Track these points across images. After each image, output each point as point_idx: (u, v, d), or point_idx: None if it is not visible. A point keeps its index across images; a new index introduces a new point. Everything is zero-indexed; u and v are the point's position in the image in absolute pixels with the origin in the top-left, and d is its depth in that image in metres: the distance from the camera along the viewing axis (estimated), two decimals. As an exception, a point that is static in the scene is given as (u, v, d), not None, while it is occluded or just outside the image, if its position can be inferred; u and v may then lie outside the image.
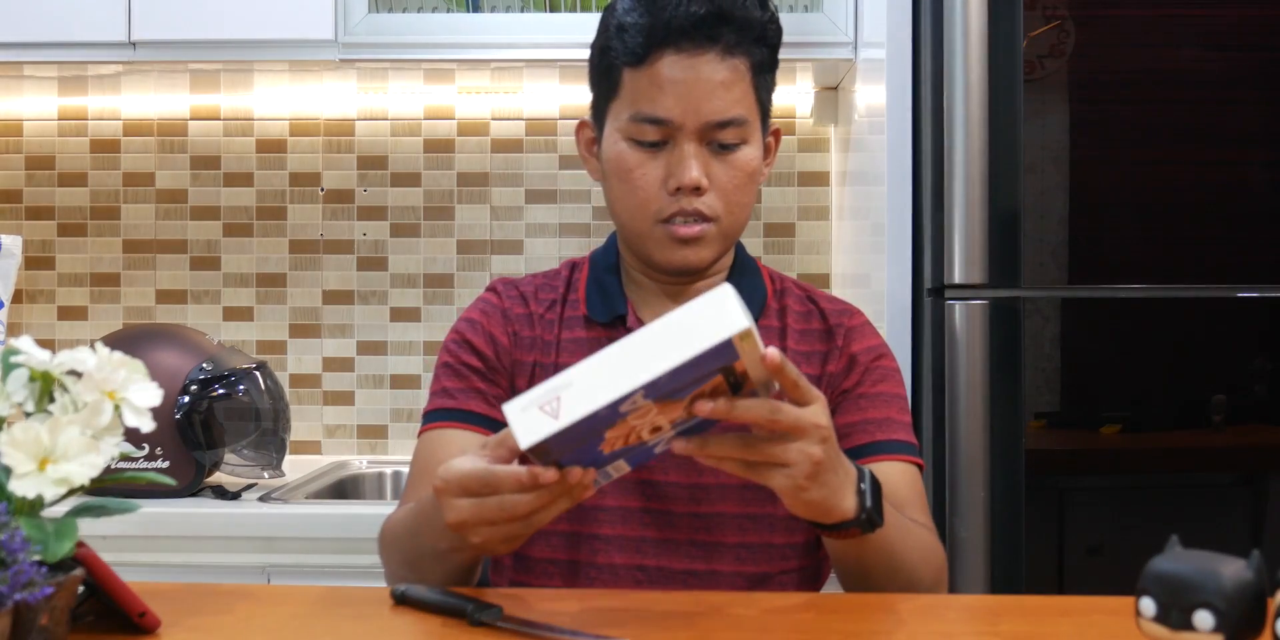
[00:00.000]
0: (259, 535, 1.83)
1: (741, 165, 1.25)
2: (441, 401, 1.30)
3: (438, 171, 2.42)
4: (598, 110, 1.30)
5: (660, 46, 1.21)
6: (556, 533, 1.26)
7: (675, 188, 1.23)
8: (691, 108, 1.21)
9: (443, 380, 1.32)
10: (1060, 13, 1.72)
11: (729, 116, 1.23)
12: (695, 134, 1.23)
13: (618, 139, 1.26)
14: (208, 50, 2.10)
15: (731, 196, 1.25)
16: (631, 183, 1.25)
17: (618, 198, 1.28)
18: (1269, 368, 1.75)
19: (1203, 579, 0.78)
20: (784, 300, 1.35)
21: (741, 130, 1.24)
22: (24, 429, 0.83)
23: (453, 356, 1.32)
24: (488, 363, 1.31)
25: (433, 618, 0.99)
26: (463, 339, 1.32)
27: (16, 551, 0.80)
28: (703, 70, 1.21)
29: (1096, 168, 1.76)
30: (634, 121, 1.24)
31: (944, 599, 1.14)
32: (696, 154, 1.23)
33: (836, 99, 2.35)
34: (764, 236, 2.40)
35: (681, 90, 1.21)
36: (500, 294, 1.36)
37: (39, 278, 2.43)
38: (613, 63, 1.25)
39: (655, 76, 1.22)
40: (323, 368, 2.42)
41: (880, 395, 1.29)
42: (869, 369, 1.30)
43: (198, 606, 1.01)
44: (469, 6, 2.24)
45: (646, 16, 1.22)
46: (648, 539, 1.25)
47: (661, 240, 1.25)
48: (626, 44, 1.23)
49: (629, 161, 1.25)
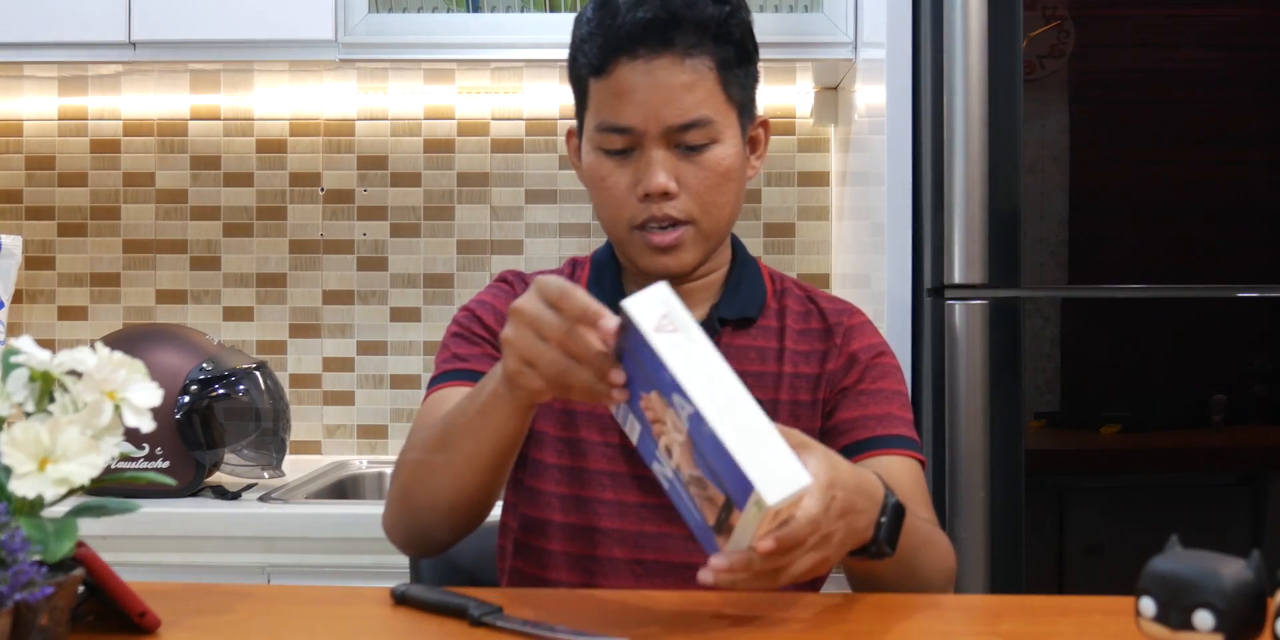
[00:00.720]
0: (259, 535, 1.83)
1: (712, 165, 1.24)
2: (453, 364, 1.29)
3: (438, 171, 2.42)
4: (578, 120, 1.32)
5: (615, 55, 1.22)
6: (557, 524, 1.27)
7: (643, 194, 1.23)
8: (651, 113, 1.21)
9: (452, 347, 1.31)
10: (1060, 13, 1.72)
11: (691, 118, 1.22)
12: (659, 139, 1.22)
13: (590, 149, 1.27)
14: (208, 50, 2.10)
15: (705, 197, 1.24)
16: (604, 191, 1.26)
17: (596, 206, 1.29)
18: (1269, 368, 1.75)
19: (1203, 579, 0.78)
20: (784, 300, 1.35)
21: (708, 130, 1.23)
22: (24, 429, 0.83)
23: (464, 328, 1.32)
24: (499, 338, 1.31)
25: (432, 618, 0.99)
26: (474, 315, 1.33)
27: (16, 551, 0.80)
28: (659, 75, 1.21)
29: (1096, 168, 1.76)
30: (600, 131, 1.25)
31: (944, 599, 1.14)
32: (663, 159, 1.22)
33: (836, 99, 2.35)
34: (764, 236, 2.40)
35: (640, 97, 1.21)
36: (512, 284, 1.37)
37: (39, 278, 2.43)
38: (579, 74, 1.27)
39: (614, 85, 1.23)
40: (323, 368, 2.42)
41: (881, 391, 1.29)
42: (869, 366, 1.30)
43: (198, 606, 1.00)
44: (469, 6, 2.24)
45: (601, 26, 1.23)
46: (646, 533, 1.26)
47: (640, 247, 1.26)
48: (587, 55, 1.24)
49: (600, 170, 1.26)
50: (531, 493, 1.29)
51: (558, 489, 1.28)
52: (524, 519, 1.30)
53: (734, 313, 1.31)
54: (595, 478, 1.27)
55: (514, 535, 1.31)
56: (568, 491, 1.28)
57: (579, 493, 1.27)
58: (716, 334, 1.30)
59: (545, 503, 1.28)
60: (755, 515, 0.86)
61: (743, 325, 1.32)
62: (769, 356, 1.30)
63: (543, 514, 1.28)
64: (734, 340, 1.31)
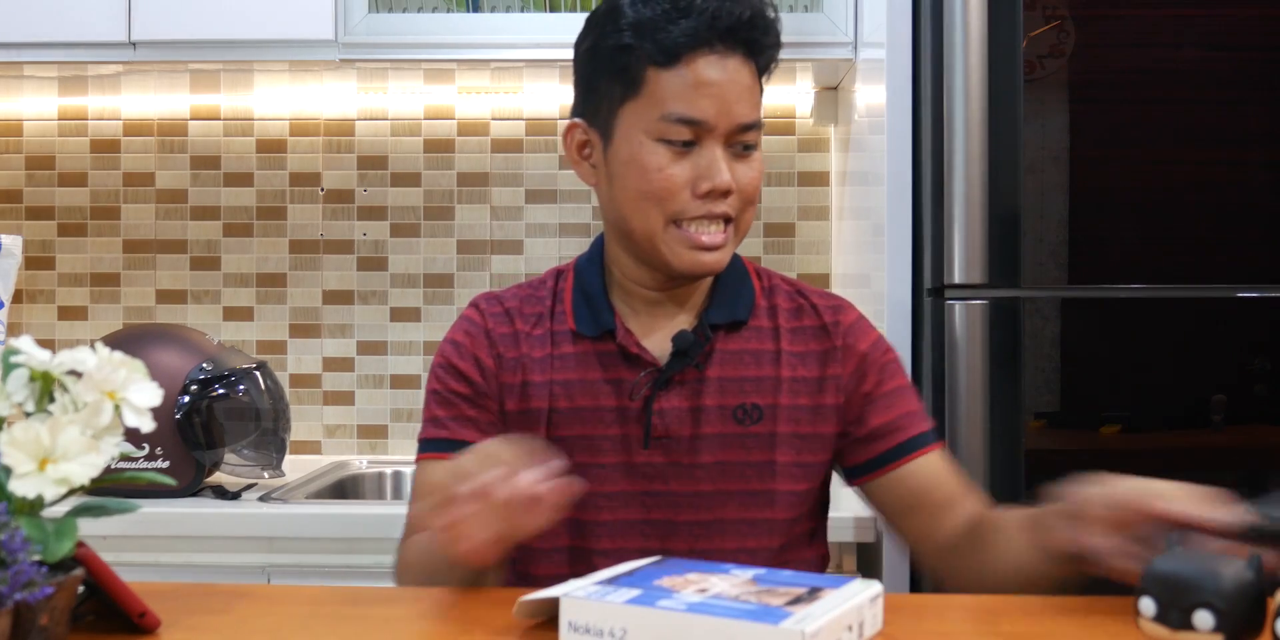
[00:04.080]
0: (259, 535, 1.83)
1: (756, 167, 1.27)
2: (433, 431, 1.30)
3: (438, 171, 2.42)
4: (602, 111, 1.26)
5: (696, 45, 1.21)
6: (557, 549, 1.27)
7: (706, 190, 1.22)
8: (726, 109, 1.21)
9: (433, 408, 1.32)
10: (1060, 13, 1.72)
11: (754, 119, 1.24)
12: (723, 136, 1.23)
13: (646, 139, 1.22)
14: (208, 50, 2.10)
15: (749, 198, 1.26)
16: (653, 183, 1.22)
17: (629, 199, 1.24)
18: (1269, 368, 1.75)
19: (1203, 579, 0.78)
20: (773, 298, 1.34)
21: (758, 133, 1.26)
22: (24, 429, 0.83)
23: (440, 384, 1.32)
24: (475, 388, 1.30)
25: (432, 617, 0.99)
26: (449, 364, 1.32)
27: (16, 551, 0.80)
28: (733, 72, 1.22)
29: (1096, 168, 1.76)
30: (665, 121, 1.21)
31: (944, 599, 1.14)
32: (725, 156, 1.23)
33: (836, 99, 2.35)
34: (764, 236, 2.40)
35: (716, 91, 1.21)
36: (484, 313, 1.34)
37: (39, 278, 2.43)
38: (632, 62, 1.23)
39: (692, 76, 1.21)
40: (323, 368, 2.42)
41: (896, 390, 1.32)
42: (882, 367, 1.31)
43: (198, 606, 1.00)
44: (469, 6, 2.24)
45: (682, 16, 1.21)
46: (649, 551, 1.24)
47: (678, 243, 1.24)
48: (659, 43, 1.21)
49: (657, 161, 1.22)
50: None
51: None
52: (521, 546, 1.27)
53: (724, 317, 1.30)
54: (592, 499, 1.25)
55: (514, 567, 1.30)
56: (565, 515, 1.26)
57: (577, 516, 1.24)
58: (708, 341, 1.29)
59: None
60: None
61: (734, 329, 1.31)
62: (765, 360, 1.30)
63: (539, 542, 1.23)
64: (727, 345, 1.30)
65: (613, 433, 1.27)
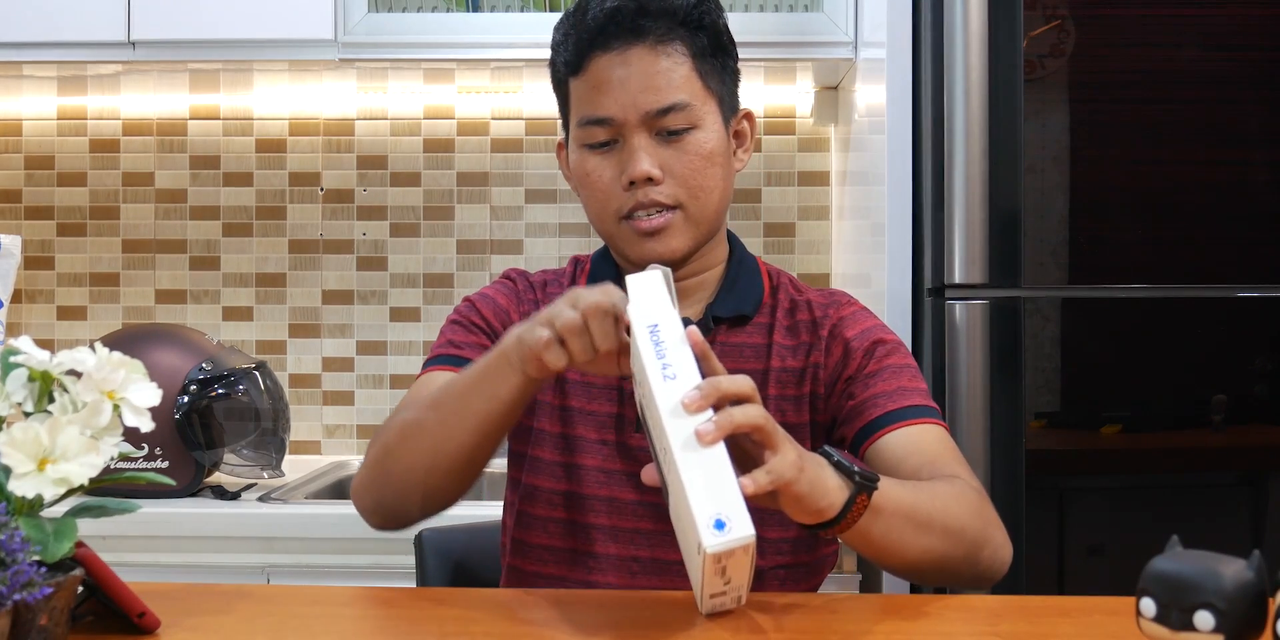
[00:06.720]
0: (259, 535, 1.83)
1: (695, 149, 1.25)
2: (447, 350, 1.31)
3: (438, 171, 2.42)
4: (564, 126, 1.34)
5: (589, 50, 1.25)
6: (553, 519, 1.28)
7: (629, 182, 1.24)
8: (628, 101, 1.23)
9: (448, 334, 1.32)
10: (1060, 13, 1.72)
11: (668, 102, 1.23)
12: (640, 127, 1.24)
13: (575, 147, 1.29)
14: (207, 50, 2.10)
15: (691, 181, 1.25)
16: (592, 186, 1.27)
17: (585, 204, 1.31)
18: (1269, 368, 1.75)
19: (1203, 579, 0.78)
20: (778, 296, 1.35)
21: (687, 114, 1.24)
22: (24, 429, 0.83)
23: (463, 317, 1.34)
24: (495, 331, 1.32)
25: (432, 618, 0.99)
26: (474, 306, 1.34)
27: (16, 551, 0.79)
28: (634, 64, 1.23)
29: (1096, 168, 1.76)
30: (581, 127, 1.27)
31: (944, 599, 1.14)
32: (645, 146, 1.24)
33: (836, 99, 2.35)
34: (764, 236, 2.40)
35: (615, 87, 1.24)
36: (515, 281, 1.39)
37: (39, 278, 2.43)
38: (559, 77, 1.30)
39: (591, 79, 1.25)
40: (322, 368, 2.42)
41: (886, 368, 1.27)
42: (868, 351, 1.29)
43: (198, 606, 1.00)
44: (469, 6, 2.24)
45: (574, 26, 1.26)
46: (641, 530, 1.26)
47: (628, 237, 1.27)
48: (563, 56, 1.28)
49: (585, 166, 1.27)
50: (529, 489, 1.30)
51: (554, 485, 1.28)
52: (521, 515, 1.30)
53: (729, 311, 1.31)
54: (590, 474, 1.28)
55: (511, 533, 1.32)
56: (563, 487, 1.28)
57: (574, 489, 1.28)
58: (711, 332, 1.30)
59: (541, 498, 1.29)
60: (698, 561, 0.89)
61: (738, 323, 1.32)
62: (760, 353, 1.31)
63: (538, 510, 1.29)
64: (729, 338, 1.31)
65: (613, 411, 1.29)
